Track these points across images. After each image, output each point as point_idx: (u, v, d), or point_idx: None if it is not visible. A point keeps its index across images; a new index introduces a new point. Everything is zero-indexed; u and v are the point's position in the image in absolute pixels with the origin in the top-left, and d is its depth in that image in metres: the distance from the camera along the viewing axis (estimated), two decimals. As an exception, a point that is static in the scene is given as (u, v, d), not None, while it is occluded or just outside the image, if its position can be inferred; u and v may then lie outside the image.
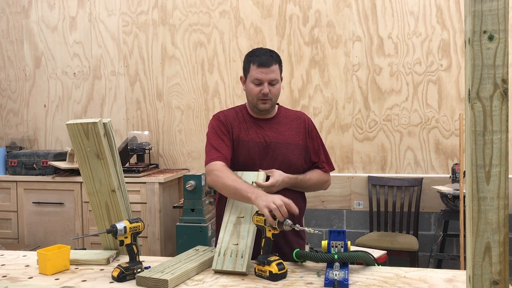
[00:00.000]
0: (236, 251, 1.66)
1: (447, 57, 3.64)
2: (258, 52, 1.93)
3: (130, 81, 4.18)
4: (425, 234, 3.69)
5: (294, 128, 1.99)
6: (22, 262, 1.86)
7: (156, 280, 1.52)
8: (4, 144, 4.37)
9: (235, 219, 1.73)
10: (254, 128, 1.96)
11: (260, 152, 1.91)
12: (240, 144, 1.93)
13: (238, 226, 1.71)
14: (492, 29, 0.91)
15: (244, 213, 1.73)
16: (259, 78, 1.88)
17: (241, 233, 1.69)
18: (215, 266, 1.65)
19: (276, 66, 1.91)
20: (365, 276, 1.60)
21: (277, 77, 1.92)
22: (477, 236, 0.95)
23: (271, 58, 1.90)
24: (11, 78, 4.41)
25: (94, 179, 1.86)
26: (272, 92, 1.91)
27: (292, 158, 1.93)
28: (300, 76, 3.88)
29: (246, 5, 3.94)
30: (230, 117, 1.99)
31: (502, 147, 0.93)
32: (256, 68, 1.89)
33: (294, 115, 2.05)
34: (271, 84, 1.90)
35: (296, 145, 1.96)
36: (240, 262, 1.63)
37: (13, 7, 4.37)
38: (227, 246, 1.68)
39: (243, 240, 1.67)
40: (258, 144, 1.93)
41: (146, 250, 3.57)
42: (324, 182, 2.06)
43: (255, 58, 1.91)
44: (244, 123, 1.98)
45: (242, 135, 1.95)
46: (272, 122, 1.99)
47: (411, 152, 3.74)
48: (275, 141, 1.94)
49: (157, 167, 4.10)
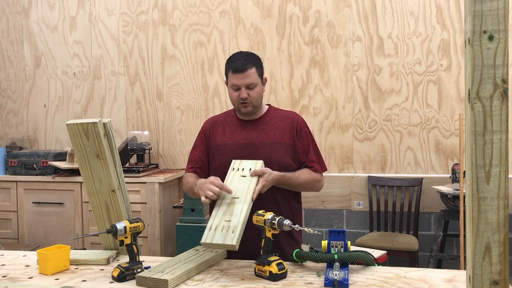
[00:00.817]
0: (227, 227, 1.63)
1: (447, 57, 3.64)
2: (234, 58, 1.97)
3: (130, 81, 4.18)
4: (425, 234, 3.69)
5: (281, 127, 2.01)
6: (22, 262, 1.86)
7: (156, 280, 1.52)
8: (4, 144, 4.37)
9: (230, 199, 1.73)
10: (240, 130, 2.03)
11: (244, 153, 1.94)
12: (225, 147, 1.99)
13: (232, 206, 1.70)
14: (492, 29, 0.91)
15: (239, 194, 1.73)
16: (235, 83, 1.94)
17: (234, 211, 1.68)
18: (205, 239, 1.61)
19: (252, 69, 1.93)
20: (365, 276, 1.60)
21: (254, 81, 1.94)
22: (477, 236, 0.95)
23: (246, 63, 1.92)
24: (11, 78, 4.41)
25: (94, 179, 1.86)
26: (251, 96, 1.94)
27: (276, 157, 1.94)
28: (300, 76, 3.88)
29: (246, 5, 3.94)
30: (217, 123, 2.09)
31: (502, 147, 0.93)
32: (232, 74, 1.94)
33: (284, 115, 2.07)
34: (248, 88, 1.94)
35: (281, 144, 1.97)
36: (230, 236, 1.59)
37: (13, 7, 4.37)
38: (219, 222, 1.66)
39: (236, 218, 1.65)
40: (243, 145, 1.98)
41: (146, 250, 3.57)
42: (315, 182, 2.03)
43: (231, 64, 1.95)
44: (229, 126, 2.05)
45: (226, 138, 2.02)
46: (258, 122, 2.03)
47: (411, 152, 3.74)
48: (259, 141, 1.98)
49: (157, 167, 4.11)
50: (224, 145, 2.01)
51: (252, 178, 1.77)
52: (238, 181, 1.78)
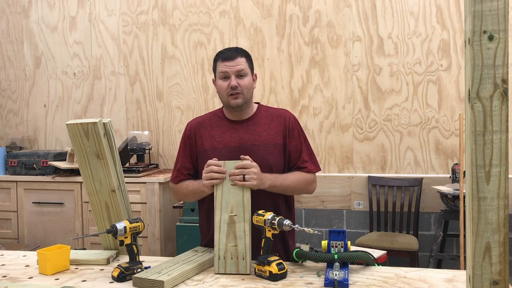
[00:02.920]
0: (236, 253, 1.64)
1: (447, 57, 3.64)
2: (223, 50, 1.93)
3: (130, 81, 4.18)
4: (425, 234, 3.69)
5: (273, 127, 1.91)
6: (22, 262, 1.86)
7: (152, 281, 1.50)
8: (4, 144, 4.37)
9: (228, 218, 1.68)
10: (230, 132, 1.91)
11: (236, 157, 1.77)
12: (214, 152, 1.87)
13: (232, 226, 1.67)
14: (492, 29, 0.91)
15: (236, 210, 1.68)
16: (224, 70, 1.85)
17: (237, 233, 1.66)
18: (218, 270, 1.64)
19: (242, 59, 1.87)
20: (365, 276, 1.60)
21: (244, 69, 1.86)
22: (477, 236, 0.95)
23: (236, 52, 1.88)
24: (11, 78, 4.41)
25: (94, 179, 1.86)
26: (241, 85, 1.84)
27: (271, 160, 1.85)
28: (300, 76, 3.88)
29: (246, 5, 3.94)
30: (202, 125, 1.96)
31: (502, 147, 0.93)
32: (220, 62, 1.87)
33: (275, 114, 1.96)
34: (239, 77, 1.85)
35: (275, 145, 1.88)
36: (242, 265, 1.63)
37: (13, 7, 4.37)
38: (226, 248, 1.66)
39: (241, 241, 1.65)
40: (234, 149, 1.85)
41: (146, 250, 3.57)
42: (307, 183, 1.91)
43: (220, 54, 1.90)
44: (218, 128, 1.93)
45: (215, 142, 1.90)
46: (249, 123, 1.92)
47: (411, 152, 3.74)
48: (251, 144, 1.87)
49: (157, 167, 4.10)
50: (213, 149, 1.88)
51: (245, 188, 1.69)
52: (230, 192, 1.70)
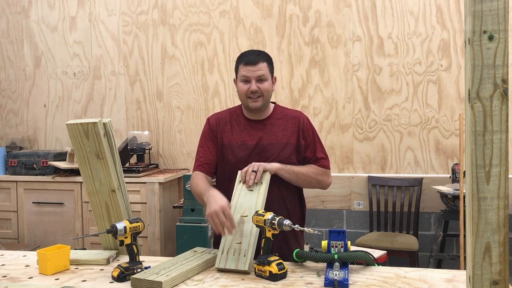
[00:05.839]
0: (239, 250, 1.67)
1: (447, 57, 3.64)
2: (246, 53, 2.00)
3: (130, 81, 4.18)
4: (425, 234, 3.69)
5: (289, 128, 2.00)
6: (22, 262, 1.86)
7: (150, 282, 1.50)
8: (4, 144, 4.37)
9: (239, 218, 1.74)
10: (248, 129, 2.00)
11: (253, 154, 1.93)
12: (232, 147, 1.98)
13: (241, 225, 1.72)
14: (492, 29, 0.91)
15: (248, 212, 1.75)
16: (246, 75, 1.93)
17: (244, 232, 1.71)
18: (218, 264, 1.67)
19: (263, 64, 1.94)
20: (365, 276, 1.60)
21: (265, 74, 1.94)
22: (477, 236, 0.95)
23: (258, 57, 1.95)
24: (11, 78, 4.41)
25: (94, 179, 1.86)
26: (261, 88, 1.93)
27: (285, 159, 1.94)
28: (300, 76, 3.88)
29: (246, 5, 3.94)
30: (222, 120, 2.04)
31: (502, 147, 0.93)
32: (243, 66, 1.95)
33: (290, 115, 2.05)
34: (259, 81, 1.93)
35: (289, 145, 1.97)
36: (242, 261, 1.64)
37: (13, 7, 4.37)
38: (230, 244, 1.70)
39: (246, 239, 1.69)
40: (251, 146, 1.96)
41: (146, 250, 3.57)
42: (319, 174, 2.00)
43: (243, 58, 1.97)
44: (237, 125, 2.02)
45: (234, 138, 1.99)
46: (266, 122, 2.01)
47: (411, 152, 3.74)
48: (268, 142, 1.96)
49: (157, 167, 4.10)
50: (231, 145, 1.98)
51: (259, 193, 1.78)
52: (245, 196, 1.79)
